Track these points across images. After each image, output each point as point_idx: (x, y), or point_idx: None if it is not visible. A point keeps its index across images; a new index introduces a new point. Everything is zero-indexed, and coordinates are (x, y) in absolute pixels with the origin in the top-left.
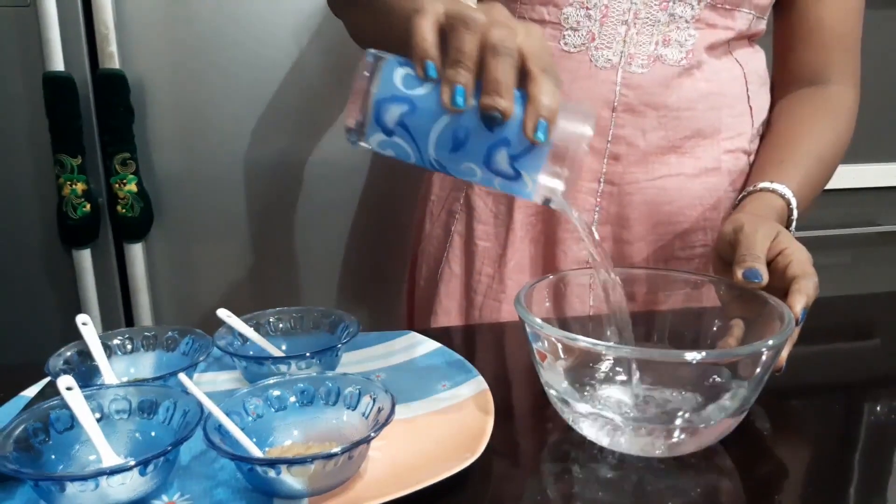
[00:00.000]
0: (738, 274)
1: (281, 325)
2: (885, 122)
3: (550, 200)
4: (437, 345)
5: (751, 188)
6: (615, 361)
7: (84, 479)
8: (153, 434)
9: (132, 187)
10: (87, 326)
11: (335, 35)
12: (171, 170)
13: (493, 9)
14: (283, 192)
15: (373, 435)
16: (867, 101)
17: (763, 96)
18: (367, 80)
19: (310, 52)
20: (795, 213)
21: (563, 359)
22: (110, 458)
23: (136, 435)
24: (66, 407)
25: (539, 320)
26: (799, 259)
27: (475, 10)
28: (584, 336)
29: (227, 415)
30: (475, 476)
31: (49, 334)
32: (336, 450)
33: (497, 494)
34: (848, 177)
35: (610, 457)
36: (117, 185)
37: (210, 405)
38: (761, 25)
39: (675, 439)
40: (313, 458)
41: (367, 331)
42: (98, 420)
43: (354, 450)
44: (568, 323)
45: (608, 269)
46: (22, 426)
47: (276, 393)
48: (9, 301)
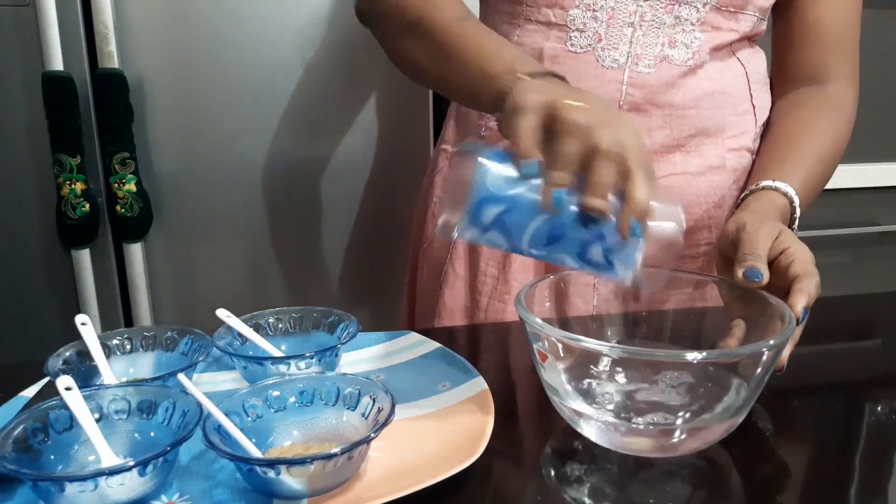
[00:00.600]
0: (739, 273)
1: (281, 325)
2: (885, 122)
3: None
4: (437, 345)
5: (753, 186)
6: (616, 361)
7: (83, 479)
8: (152, 434)
9: (131, 187)
10: (87, 326)
11: (335, 35)
12: (171, 169)
13: (590, 99)
14: (283, 191)
15: (373, 435)
16: (867, 101)
17: (765, 95)
18: (464, 177)
19: (310, 52)
20: (798, 211)
21: (564, 359)
22: (109, 459)
23: (136, 435)
24: (66, 407)
25: (539, 320)
26: (801, 259)
27: (578, 108)
28: (585, 336)
29: (227, 415)
30: (475, 476)
31: (48, 334)
32: (336, 450)
33: (497, 495)
34: (848, 176)
35: (610, 457)
36: (116, 185)
37: (209, 405)
38: (762, 26)
39: (676, 439)
40: (313, 459)
41: (367, 331)
42: (97, 420)
43: (354, 450)
44: (569, 323)
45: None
46: (21, 426)
47: (276, 393)
48: (8, 301)
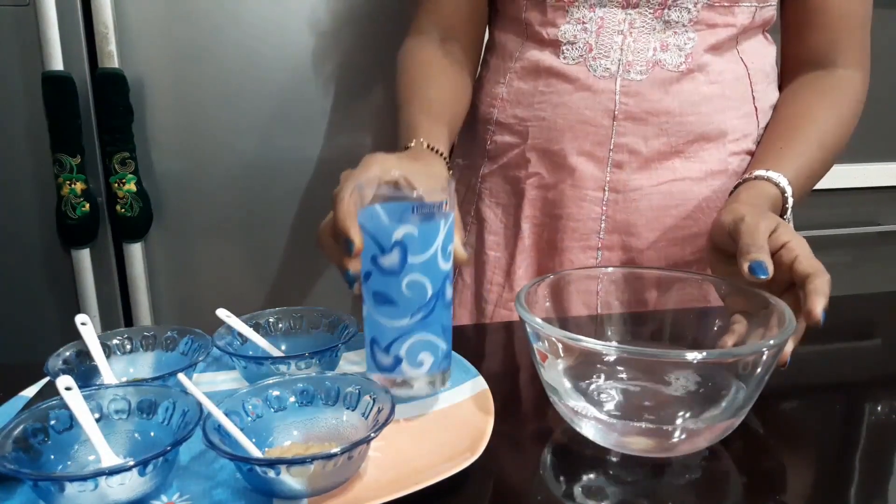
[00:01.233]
0: (745, 266)
1: (280, 325)
2: (885, 122)
3: None
4: None
5: (747, 175)
6: (616, 361)
7: (83, 479)
8: (152, 434)
9: (131, 187)
10: (87, 326)
11: (336, 34)
12: (171, 169)
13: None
14: (283, 191)
15: (373, 435)
16: (867, 101)
17: (769, 94)
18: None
19: (309, 52)
20: (791, 201)
21: (564, 359)
22: (109, 459)
23: (136, 435)
24: (66, 407)
25: (539, 320)
26: (805, 254)
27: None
28: (585, 336)
29: (227, 415)
30: (475, 476)
31: (48, 334)
32: (336, 450)
33: (497, 495)
34: (849, 176)
35: (610, 457)
36: (116, 185)
37: (209, 405)
38: (768, 14)
39: (676, 439)
40: (313, 459)
41: None
42: (97, 420)
43: (354, 450)
44: (568, 323)
45: None
46: (21, 426)
47: (276, 393)
48: (8, 301)
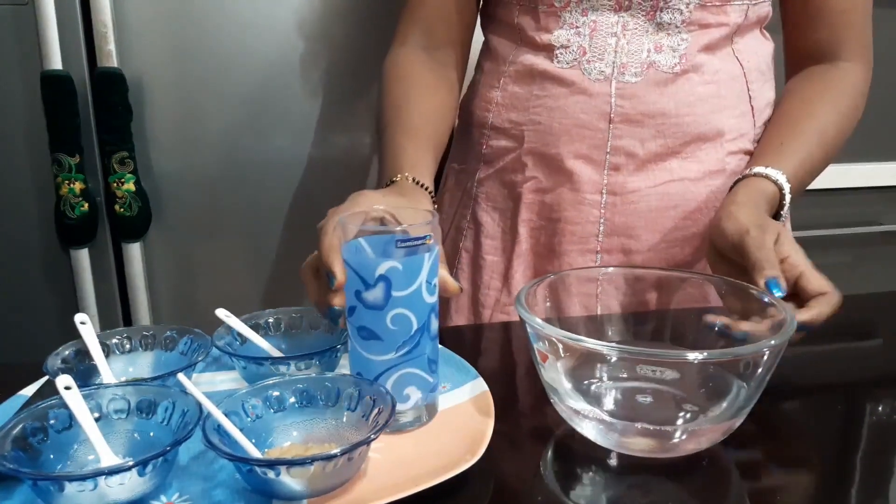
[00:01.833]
0: (761, 283)
1: (280, 326)
2: (886, 122)
3: None
4: None
5: (747, 171)
6: (616, 361)
7: (83, 478)
8: (152, 434)
9: (130, 186)
10: (86, 326)
11: (335, 34)
12: (170, 169)
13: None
14: (283, 191)
15: (373, 436)
16: (868, 101)
17: (765, 92)
18: None
19: (309, 51)
20: (788, 198)
21: (564, 359)
22: (109, 458)
23: (135, 435)
24: (65, 406)
25: (539, 320)
26: (809, 270)
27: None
28: (585, 336)
29: (226, 415)
30: (476, 477)
31: (47, 334)
32: (336, 451)
33: (497, 495)
34: (850, 176)
35: (610, 457)
36: (115, 185)
37: (209, 405)
38: (762, 11)
39: (676, 439)
40: (313, 460)
41: None
42: (96, 420)
43: (354, 451)
44: (568, 323)
45: None
46: (20, 426)
47: (276, 394)
48: (7, 300)
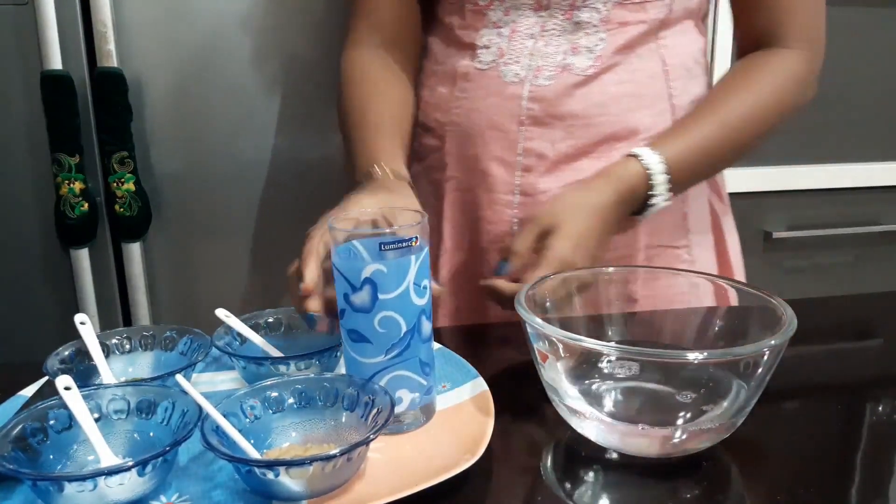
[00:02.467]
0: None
1: (280, 326)
2: (886, 122)
3: None
4: (436, 345)
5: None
6: (616, 361)
7: (82, 479)
8: (151, 434)
9: (130, 186)
10: (86, 326)
11: (335, 34)
12: (170, 169)
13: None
14: (283, 191)
15: (372, 436)
16: (868, 101)
17: (690, 89)
18: None
19: (308, 51)
20: (662, 178)
21: (564, 359)
22: (108, 459)
23: (135, 435)
24: (65, 407)
25: (539, 320)
26: (546, 268)
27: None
28: (585, 336)
29: (225, 416)
30: (475, 477)
31: (47, 334)
32: (335, 451)
33: (497, 495)
34: (849, 176)
35: (610, 457)
36: (115, 184)
37: (208, 407)
38: (692, 4)
39: (676, 440)
40: (312, 460)
41: None
42: (96, 420)
43: (353, 451)
44: (568, 323)
45: None
46: (20, 426)
47: (274, 394)
48: (6, 300)
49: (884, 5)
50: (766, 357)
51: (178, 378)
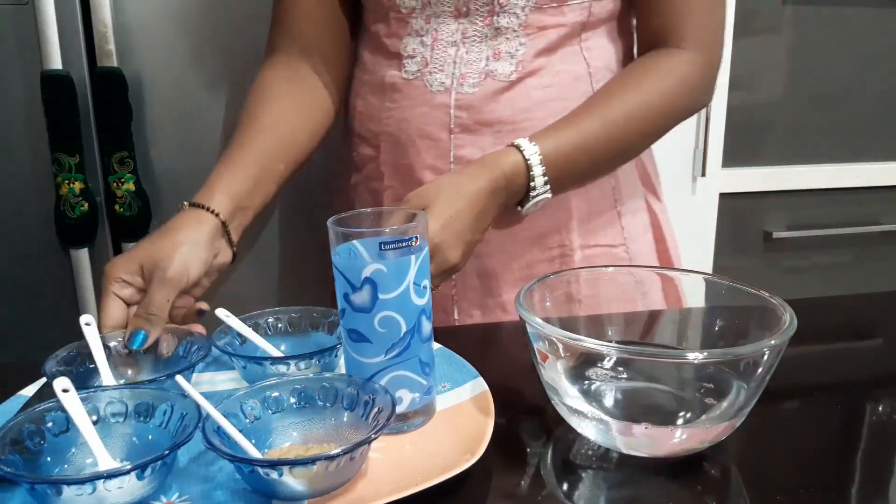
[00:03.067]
0: None
1: (280, 325)
2: (886, 122)
3: None
4: (436, 345)
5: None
6: (616, 361)
7: (81, 482)
8: (150, 437)
9: (130, 186)
10: (90, 327)
11: None
12: (170, 169)
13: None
14: (282, 191)
15: (374, 436)
16: (868, 101)
17: None
18: None
19: None
20: (540, 169)
21: (564, 359)
22: (106, 462)
23: (133, 439)
24: (62, 409)
25: (539, 320)
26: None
27: None
28: (585, 336)
29: (225, 416)
30: (476, 477)
31: (46, 334)
32: (338, 450)
33: (497, 495)
34: (849, 176)
35: (610, 457)
36: (115, 184)
37: (208, 407)
38: (608, 7)
39: (676, 439)
40: (316, 460)
41: None
42: (94, 423)
43: (356, 451)
44: (568, 323)
45: None
46: (17, 428)
47: (274, 394)
48: (6, 300)
49: (884, 5)
50: (766, 357)
51: (178, 379)
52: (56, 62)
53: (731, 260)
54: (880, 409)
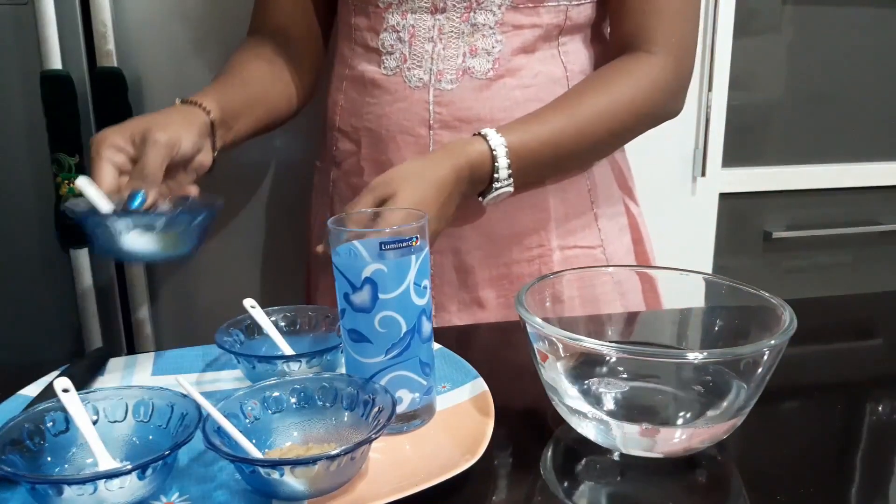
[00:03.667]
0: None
1: (281, 325)
2: (886, 122)
3: None
4: (436, 345)
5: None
6: (616, 361)
7: (82, 482)
8: (150, 437)
9: None
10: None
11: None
12: None
13: None
14: (282, 190)
15: (374, 435)
16: (868, 101)
17: None
18: None
19: None
20: (505, 161)
21: (564, 359)
22: (107, 462)
23: (133, 439)
24: (62, 409)
25: (540, 320)
26: (383, 223)
27: None
28: (585, 336)
29: (225, 417)
30: (476, 477)
31: (46, 334)
32: (339, 450)
33: (497, 496)
34: (849, 176)
35: (610, 457)
36: None
37: (209, 407)
38: (586, 11)
39: (676, 439)
40: (317, 459)
41: None
42: (94, 423)
43: (357, 450)
44: (568, 323)
45: None
46: (17, 428)
47: (275, 394)
48: (6, 301)
49: (884, 5)
50: (766, 357)
51: (178, 379)
52: (56, 62)
53: (731, 260)
54: (880, 409)
